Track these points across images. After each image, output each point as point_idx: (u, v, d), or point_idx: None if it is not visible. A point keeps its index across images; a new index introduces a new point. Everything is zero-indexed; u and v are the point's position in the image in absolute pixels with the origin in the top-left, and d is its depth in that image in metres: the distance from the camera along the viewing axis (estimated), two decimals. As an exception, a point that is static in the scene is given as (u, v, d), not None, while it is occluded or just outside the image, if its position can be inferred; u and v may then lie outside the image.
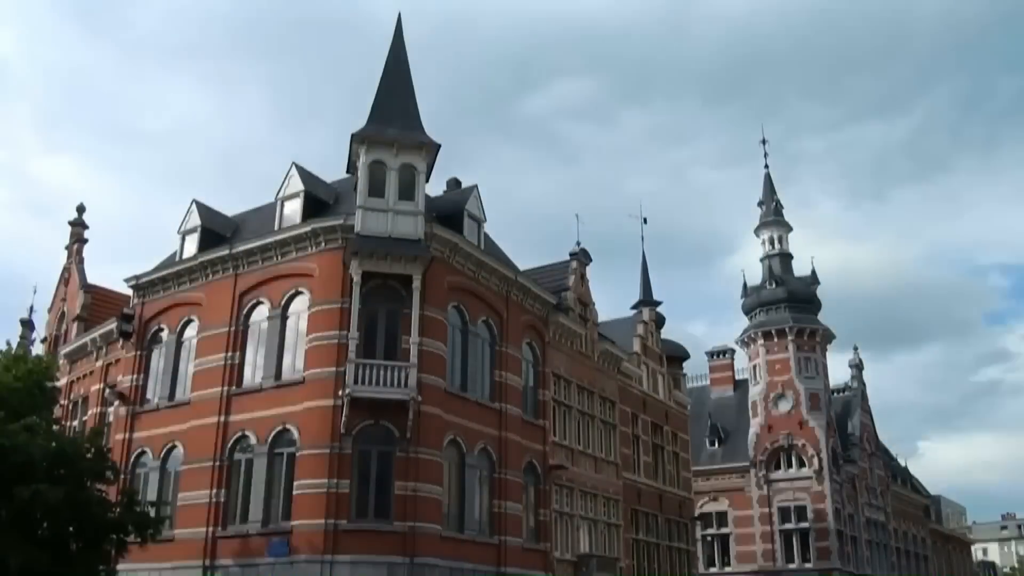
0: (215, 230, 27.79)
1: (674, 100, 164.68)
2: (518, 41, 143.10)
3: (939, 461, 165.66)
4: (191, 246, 27.48)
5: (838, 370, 58.24)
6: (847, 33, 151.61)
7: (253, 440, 23.63)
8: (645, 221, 41.97)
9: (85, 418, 29.81)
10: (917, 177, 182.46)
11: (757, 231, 55.49)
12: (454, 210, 26.68)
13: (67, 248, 35.15)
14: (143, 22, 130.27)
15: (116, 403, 27.41)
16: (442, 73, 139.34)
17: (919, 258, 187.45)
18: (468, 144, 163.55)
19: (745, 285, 53.99)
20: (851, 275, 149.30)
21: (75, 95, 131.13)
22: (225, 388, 24.61)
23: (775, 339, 50.85)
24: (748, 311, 53.31)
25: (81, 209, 34.66)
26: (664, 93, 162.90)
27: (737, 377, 55.57)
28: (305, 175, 26.25)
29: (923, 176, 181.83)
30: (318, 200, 25.99)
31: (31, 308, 39.04)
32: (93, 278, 33.58)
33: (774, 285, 52.45)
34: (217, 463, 23.89)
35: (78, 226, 34.73)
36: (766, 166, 56.87)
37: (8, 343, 23.02)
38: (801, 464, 48.56)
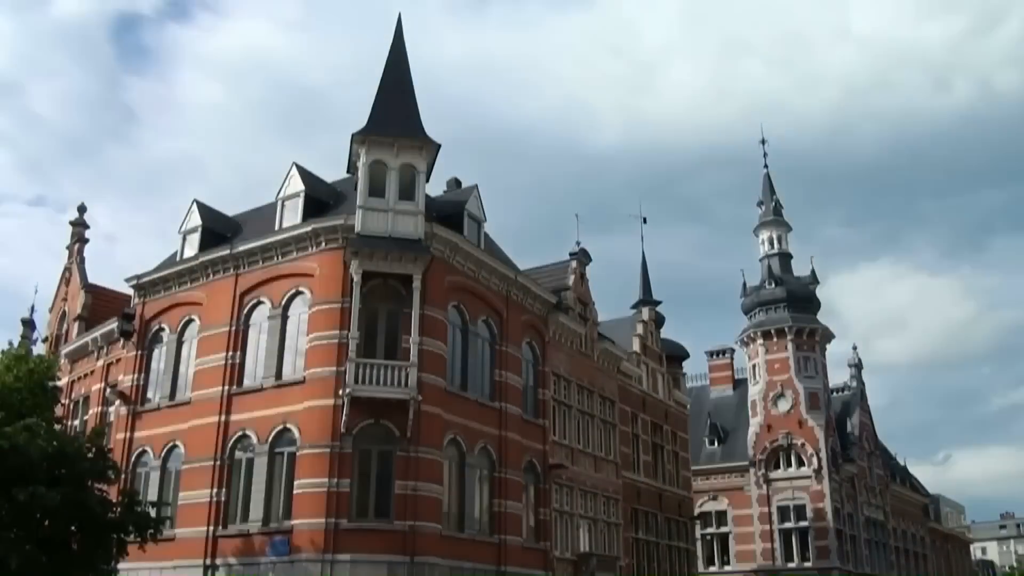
0: (216, 230, 27.86)
1: (825, 180, 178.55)
2: (696, 145, 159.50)
3: (969, 471, 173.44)
4: (192, 246, 27.56)
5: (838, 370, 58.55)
6: (982, 124, 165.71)
7: (254, 439, 23.68)
8: (644, 221, 43.13)
9: (86, 417, 29.84)
10: (1014, 228, 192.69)
11: (756, 231, 55.56)
12: (454, 210, 26.74)
13: (68, 248, 35.17)
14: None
15: (117, 402, 27.47)
16: (630, 169, 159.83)
17: (993, 290, 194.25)
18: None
19: (744, 285, 54.07)
20: (928, 304, 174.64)
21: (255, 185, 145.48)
22: (226, 387, 24.67)
23: (774, 339, 50.90)
24: (747, 311, 53.37)
25: (82, 209, 34.74)
26: (818, 176, 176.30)
27: (736, 376, 55.64)
28: (306, 175, 26.31)
29: (1019, 227, 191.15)
30: (318, 200, 26.04)
31: (32, 308, 39.12)
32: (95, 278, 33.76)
33: (773, 285, 52.50)
34: (218, 462, 23.95)
35: (79, 226, 34.76)
36: (765, 166, 57.15)
37: (10, 343, 23.09)
38: (800, 463, 48.62)
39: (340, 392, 22.28)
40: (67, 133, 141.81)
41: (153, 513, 21.75)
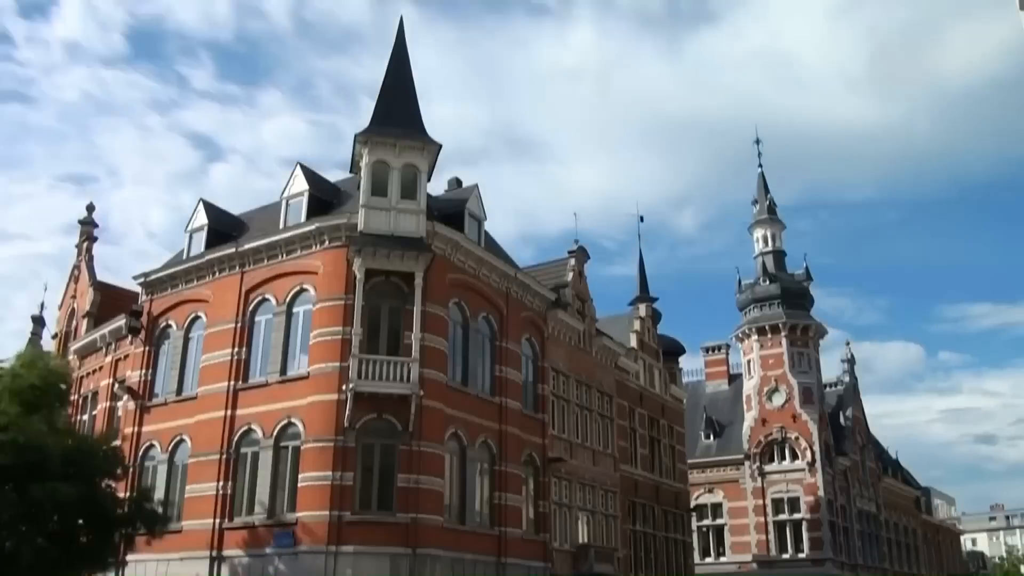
0: (222, 229, 28.27)
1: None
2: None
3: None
4: (198, 244, 28.02)
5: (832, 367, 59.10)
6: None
7: (259, 434, 24.12)
8: (642, 219, 43.61)
9: (95, 412, 30.30)
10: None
11: (751, 229, 56.08)
12: (455, 209, 27.18)
13: (77, 246, 35.53)
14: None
15: (125, 398, 27.93)
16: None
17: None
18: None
19: (739, 282, 54.62)
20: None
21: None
22: (231, 383, 25.10)
23: (769, 335, 51.44)
24: (742, 307, 53.89)
25: (91, 208, 35.16)
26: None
27: (732, 372, 56.18)
28: (309, 175, 26.75)
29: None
30: (322, 199, 26.47)
31: (42, 305, 39.42)
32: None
33: (768, 282, 52.99)
34: (224, 456, 24.39)
35: (87, 225, 35.17)
36: (760, 166, 57.72)
37: (28, 343, 23.45)
38: (794, 456, 49.21)
39: (343, 387, 22.71)
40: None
41: (160, 511, 22.15)
